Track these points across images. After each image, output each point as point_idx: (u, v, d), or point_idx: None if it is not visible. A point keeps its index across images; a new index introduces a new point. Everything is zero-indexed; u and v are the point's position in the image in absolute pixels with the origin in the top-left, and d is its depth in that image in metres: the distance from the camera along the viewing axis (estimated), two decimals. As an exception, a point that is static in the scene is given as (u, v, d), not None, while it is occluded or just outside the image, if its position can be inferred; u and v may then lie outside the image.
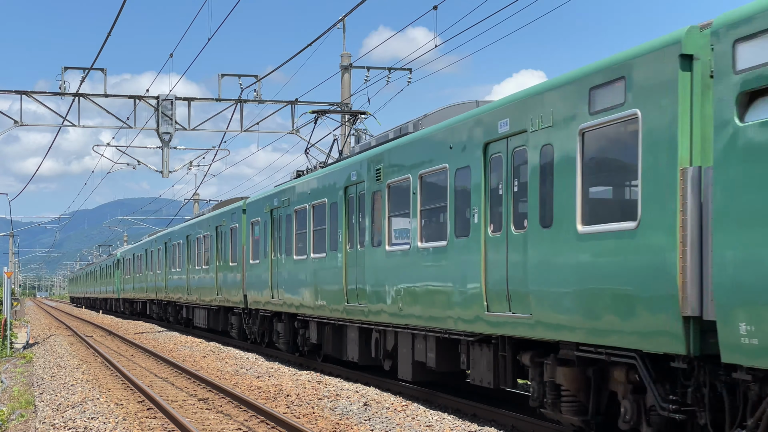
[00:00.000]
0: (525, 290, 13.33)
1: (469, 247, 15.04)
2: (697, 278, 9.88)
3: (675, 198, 10.12)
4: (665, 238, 10.26)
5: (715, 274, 9.40)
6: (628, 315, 11.09)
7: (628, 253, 11.05)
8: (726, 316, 9.22)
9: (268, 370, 24.66)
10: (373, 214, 19.15)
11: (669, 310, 10.28)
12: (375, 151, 19.17)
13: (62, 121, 36.90)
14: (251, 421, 16.51)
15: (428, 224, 16.92)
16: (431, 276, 16.48)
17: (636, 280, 10.88)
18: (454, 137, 15.73)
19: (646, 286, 10.72)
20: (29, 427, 16.35)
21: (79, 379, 23.63)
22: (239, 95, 37.25)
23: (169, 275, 46.10)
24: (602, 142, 11.82)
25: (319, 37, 28.00)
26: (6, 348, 34.96)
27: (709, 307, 9.67)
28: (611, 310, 11.41)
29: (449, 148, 15.85)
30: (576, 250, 12.10)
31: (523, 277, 13.40)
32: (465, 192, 15.33)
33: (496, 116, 14.33)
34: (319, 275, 22.48)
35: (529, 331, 13.32)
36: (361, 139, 35.33)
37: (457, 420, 15.53)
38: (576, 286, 12.06)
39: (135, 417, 17.17)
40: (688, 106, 10.11)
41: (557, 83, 12.76)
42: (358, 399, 18.15)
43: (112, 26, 24.72)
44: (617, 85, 11.11)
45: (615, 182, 12.14)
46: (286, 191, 25.32)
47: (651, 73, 10.56)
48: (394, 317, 18.16)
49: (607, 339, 11.57)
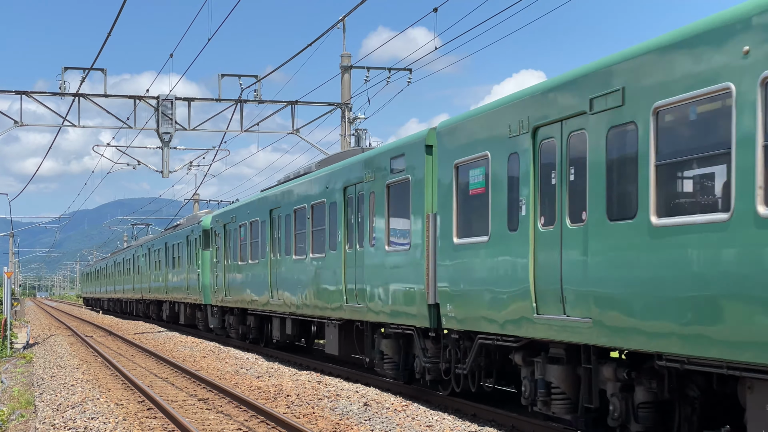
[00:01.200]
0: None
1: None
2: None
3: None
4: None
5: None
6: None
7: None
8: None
9: (268, 370, 24.66)
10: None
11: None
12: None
13: (62, 121, 36.90)
14: (251, 422, 16.51)
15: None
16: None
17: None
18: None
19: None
20: (29, 427, 16.35)
21: (79, 379, 23.62)
22: (239, 95, 37.27)
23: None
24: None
25: (319, 38, 28.03)
26: (6, 348, 34.96)
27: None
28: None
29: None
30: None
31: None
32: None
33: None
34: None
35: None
36: (360, 139, 35.37)
37: (457, 420, 15.53)
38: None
39: (135, 417, 17.17)
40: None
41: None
42: (358, 399, 18.14)
43: (112, 26, 24.74)
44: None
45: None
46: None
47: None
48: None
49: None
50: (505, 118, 14.10)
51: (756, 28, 9.37)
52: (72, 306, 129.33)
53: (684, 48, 10.36)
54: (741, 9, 9.65)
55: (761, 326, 9.24)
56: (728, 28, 9.73)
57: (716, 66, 9.87)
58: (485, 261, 14.60)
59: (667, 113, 10.69)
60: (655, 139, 10.75)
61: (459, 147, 15.54)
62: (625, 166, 11.33)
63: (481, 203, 14.82)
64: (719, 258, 9.75)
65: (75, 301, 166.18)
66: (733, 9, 9.83)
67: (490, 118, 14.67)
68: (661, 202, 10.71)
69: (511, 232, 13.83)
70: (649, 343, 10.82)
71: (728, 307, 9.65)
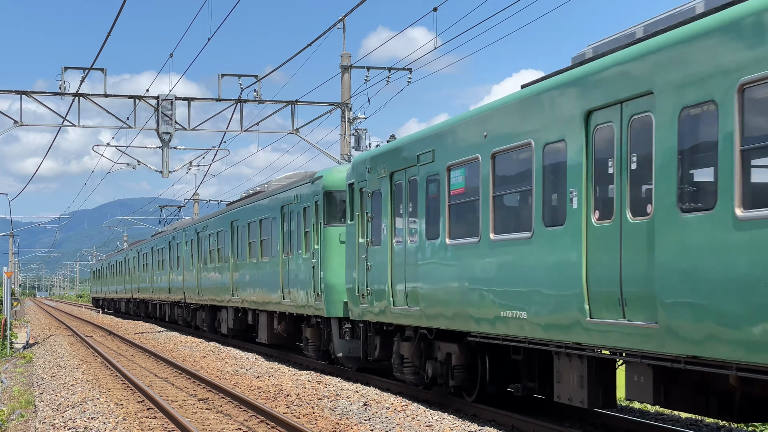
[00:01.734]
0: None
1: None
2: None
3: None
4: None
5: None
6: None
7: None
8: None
9: (268, 370, 24.66)
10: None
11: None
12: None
13: (62, 121, 36.89)
14: (251, 421, 16.50)
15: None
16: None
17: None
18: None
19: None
20: (29, 427, 16.34)
21: (79, 379, 23.63)
22: (239, 95, 37.24)
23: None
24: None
25: (319, 37, 28.02)
26: (6, 348, 34.96)
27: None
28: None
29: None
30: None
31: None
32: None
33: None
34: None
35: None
36: (360, 139, 35.39)
37: (457, 420, 15.52)
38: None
39: (135, 417, 17.16)
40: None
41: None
42: (358, 399, 18.14)
43: (112, 26, 24.72)
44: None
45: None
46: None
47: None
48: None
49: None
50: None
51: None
52: (72, 306, 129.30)
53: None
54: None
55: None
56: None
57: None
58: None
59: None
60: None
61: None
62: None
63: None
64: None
65: (75, 300, 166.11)
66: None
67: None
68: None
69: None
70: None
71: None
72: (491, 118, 14.69)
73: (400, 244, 17.93)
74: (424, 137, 17.03)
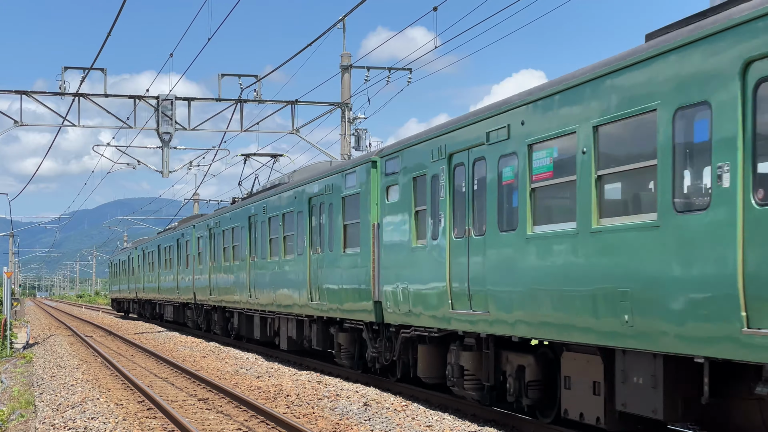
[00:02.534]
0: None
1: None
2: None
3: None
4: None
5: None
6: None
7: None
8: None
9: (268, 370, 24.66)
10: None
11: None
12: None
13: (62, 121, 36.90)
14: (251, 422, 16.50)
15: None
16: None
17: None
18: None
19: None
20: (29, 427, 16.34)
21: (79, 379, 23.63)
22: (239, 95, 37.26)
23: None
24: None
25: (319, 37, 28.01)
26: (6, 348, 34.96)
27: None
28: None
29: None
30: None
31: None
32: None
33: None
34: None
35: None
36: (360, 139, 35.40)
37: (457, 420, 15.52)
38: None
39: (135, 417, 17.16)
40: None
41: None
42: (358, 399, 18.14)
43: (112, 26, 24.72)
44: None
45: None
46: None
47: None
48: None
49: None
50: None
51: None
52: (72, 306, 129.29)
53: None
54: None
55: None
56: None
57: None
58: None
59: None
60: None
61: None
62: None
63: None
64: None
65: (74, 301, 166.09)
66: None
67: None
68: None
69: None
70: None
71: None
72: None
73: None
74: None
